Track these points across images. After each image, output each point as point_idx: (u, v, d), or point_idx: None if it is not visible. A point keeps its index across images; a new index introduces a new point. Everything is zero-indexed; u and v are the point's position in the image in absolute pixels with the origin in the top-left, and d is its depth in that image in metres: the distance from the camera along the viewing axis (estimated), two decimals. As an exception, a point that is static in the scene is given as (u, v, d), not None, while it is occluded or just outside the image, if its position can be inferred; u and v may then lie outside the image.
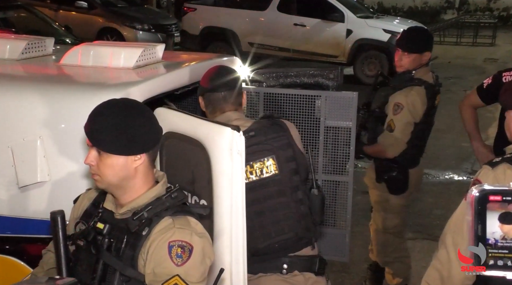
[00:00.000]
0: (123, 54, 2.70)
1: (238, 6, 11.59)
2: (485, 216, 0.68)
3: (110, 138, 1.62)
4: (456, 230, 1.83)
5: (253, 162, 2.23)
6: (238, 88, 2.44)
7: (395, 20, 11.99)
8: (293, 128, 2.37)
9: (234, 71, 2.52)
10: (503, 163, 1.77)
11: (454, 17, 18.13)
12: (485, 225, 0.68)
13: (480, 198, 0.68)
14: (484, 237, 0.68)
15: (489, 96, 3.23)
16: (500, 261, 0.67)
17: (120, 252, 1.63)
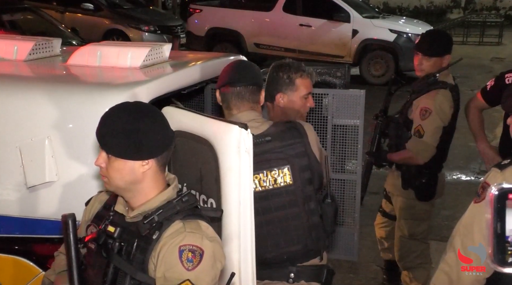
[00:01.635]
0: (130, 54, 2.71)
1: (243, 7, 11.60)
2: (504, 214, 0.67)
3: (117, 142, 1.61)
4: (466, 233, 1.82)
5: (268, 170, 2.21)
6: (254, 84, 2.31)
7: (400, 20, 11.96)
8: (311, 131, 2.31)
9: (253, 66, 2.39)
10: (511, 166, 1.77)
11: (460, 16, 18.06)
12: (504, 223, 0.67)
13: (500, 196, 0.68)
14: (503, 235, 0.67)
15: (493, 98, 3.20)
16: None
17: (131, 256, 1.62)
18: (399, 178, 3.38)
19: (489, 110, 3.42)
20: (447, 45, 3.32)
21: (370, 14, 11.03)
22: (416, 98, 3.23)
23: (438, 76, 3.19)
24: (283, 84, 2.43)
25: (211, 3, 12.15)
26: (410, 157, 3.23)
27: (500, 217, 0.65)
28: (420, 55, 3.25)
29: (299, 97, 2.46)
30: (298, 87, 2.44)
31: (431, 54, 3.22)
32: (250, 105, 2.31)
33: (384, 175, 3.69)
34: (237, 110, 2.31)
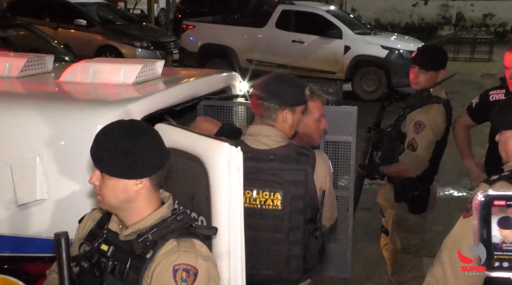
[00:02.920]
0: (123, 71, 2.71)
1: (236, 23, 11.69)
2: (489, 220, 0.70)
3: (111, 161, 1.60)
4: (454, 247, 1.82)
5: (260, 189, 2.18)
6: (270, 99, 2.18)
7: (392, 36, 12.07)
8: (323, 163, 2.23)
9: (282, 84, 2.23)
10: (501, 181, 1.77)
11: (451, 33, 18.24)
12: (490, 229, 0.70)
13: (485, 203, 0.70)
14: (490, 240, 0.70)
15: (479, 116, 3.25)
16: (505, 263, 0.69)
17: (124, 275, 1.60)
18: (391, 191, 3.40)
19: (480, 126, 3.45)
20: (443, 60, 3.36)
21: (362, 30, 11.12)
22: (410, 112, 3.26)
23: (431, 91, 3.23)
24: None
25: (204, 19, 12.22)
26: (403, 170, 3.25)
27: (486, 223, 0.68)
28: (416, 68, 3.28)
29: (313, 120, 2.44)
30: (310, 110, 2.41)
31: (428, 68, 3.25)
32: (264, 121, 2.22)
33: (377, 191, 3.69)
34: (254, 123, 2.29)
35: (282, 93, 2.19)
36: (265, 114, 2.21)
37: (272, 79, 2.25)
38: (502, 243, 0.71)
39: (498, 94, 3.15)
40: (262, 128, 2.22)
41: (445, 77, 3.34)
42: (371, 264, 4.37)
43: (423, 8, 19.84)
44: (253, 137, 2.23)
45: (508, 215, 0.71)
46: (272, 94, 2.18)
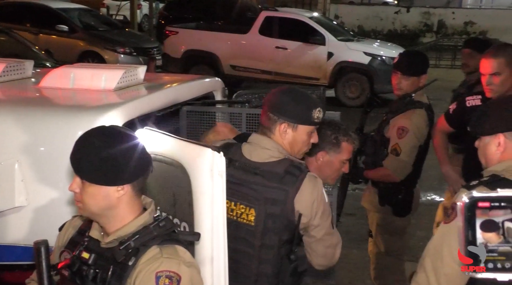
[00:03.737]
0: (104, 76, 2.69)
1: (220, 29, 11.68)
2: (474, 222, 0.70)
3: (91, 168, 1.58)
4: (436, 253, 1.84)
5: (238, 202, 2.14)
6: (272, 110, 2.12)
7: (375, 43, 12.19)
8: (311, 188, 2.08)
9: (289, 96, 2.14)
10: (480, 186, 1.79)
11: (432, 40, 18.46)
12: (475, 231, 0.70)
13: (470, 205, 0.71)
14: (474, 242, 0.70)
15: (456, 122, 3.27)
16: (490, 263, 0.70)
17: (106, 283, 1.58)
18: (375, 195, 3.41)
19: None
20: (424, 65, 3.39)
21: (345, 37, 11.20)
22: (392, 117, 3.28)
23: (414, 96, 3.25)
24: (329, 144, 2.38)
25: (187, 25, 12.20)
26: (387, 175, 3.26)
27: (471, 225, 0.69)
28: (399, 74, 3.31)
29: (339, 160, 2.41)
30: (342, 150, 2.39)
31: (410, 73, 3.28)
32: (265, 132, 2.16)
33: (360, 196, 3.70)
34: (258, 131, 2.22)
35: (284, 106, 2.11)
36: (266, 124, 2.15)
37: (282, 91, 2.19)
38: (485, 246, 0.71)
39: (475, 99, 3.19)
40: (262, 139, 2.16)
41: (427, 82, 3.37)
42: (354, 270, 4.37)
43: (405, 15, 20.07)
44: (251, 145, 2.18)
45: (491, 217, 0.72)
46: (275, 105, 2.12)
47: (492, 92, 2.99)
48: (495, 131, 1.92)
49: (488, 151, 1.96)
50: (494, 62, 2.96)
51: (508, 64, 2.96)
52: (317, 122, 2.14)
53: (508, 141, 1.90)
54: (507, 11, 19.58)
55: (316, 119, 2.12)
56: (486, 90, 3.03)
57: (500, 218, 0.72)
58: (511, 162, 1.87)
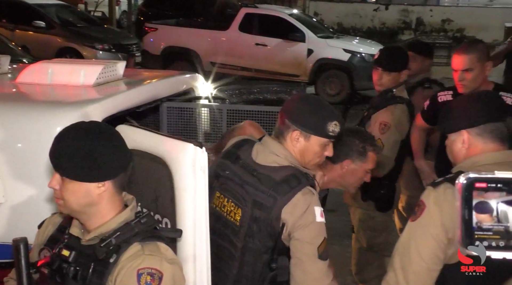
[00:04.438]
0: (83, 72, 2.65)
1: (199, 26, 11.63)
2: (471, 201, 0.73)
3: (71, 164, 1.55)
4: (404, 251, 1.85)
5: (230, 200, 2.10)
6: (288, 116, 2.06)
7: (354, 40, 12.24)
8: (302, 204, 1.97)
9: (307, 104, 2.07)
10: (444, 183, 1.81)
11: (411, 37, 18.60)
12: (471, 210, 0.72)
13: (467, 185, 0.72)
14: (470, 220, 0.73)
15: (430, 118, 3.30)
16: (485, 242, 0.72)
17: (87, 281, 1.56)
18: (358, 190, 3.43)
19: None
20: (404, 61, 3.42)
21: (324, 34, 11.24)
22: (374, 113, 3.30)
23: (395, 91, 3.27)
24: (356, 152, 2.35)
25: (166, 21, 12.12)
26: None
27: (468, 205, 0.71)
28: (380, 70, 3.33)
29: (364, 169, 2.38)
30: (368, 160, 2.37)
31: (391, 69, 3.30)
32: (278, 137, 2.10)
33: (341, 193, 3.71)
34: (273, 133, 2.16)
35: (300, 114, 2.04)
36: (280, 128, 2.10)
37: (302, 98, 2.15)
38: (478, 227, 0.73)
39: (446, 95, 3.24)
40: (273, 143, 2.10)
41: (407, 78, 3.39)
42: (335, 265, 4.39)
43: (384, 13, 20.20)
44: (261, 147, 2.13)
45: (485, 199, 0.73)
46: (291, 111, 2.07)
47: (464, 88, 3.03)
48: (459, 128, 1.93)
49: (454, 148, 1.96)
50: (466, 58, 2.99)
51: (479, 60, 2.99)
52: (332, 136, 2.05)
53: (472, 137, 1.89)
54: (483, 9, 19.83)
55: (331, 133, 2.03)
56: (459, 86, 3.06)
57: (494, 200, 0.74)
58: (477, 158, 1.87)
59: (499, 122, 1.89)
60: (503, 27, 17.63)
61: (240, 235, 2.05)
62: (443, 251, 1.78)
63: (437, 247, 1.79)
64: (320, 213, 2.01)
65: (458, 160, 1.96)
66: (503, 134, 1.89)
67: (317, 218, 1.99)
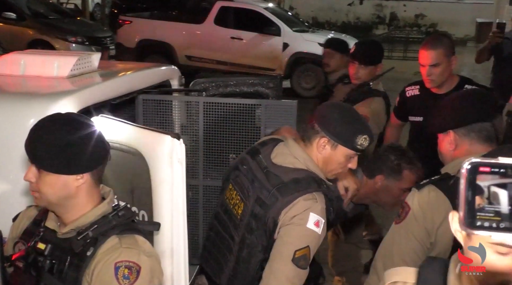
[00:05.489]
0: (57, 63, 2.60)
1: (174, 19, 11.54)
2: (474, 184, 0.76)
3: (49, 156, 1.53)
4: (386, 254, 1.85)
5: (238, 193, 2.08)
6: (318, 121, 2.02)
7: (329, 34, 12.28)
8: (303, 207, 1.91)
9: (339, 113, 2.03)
10: (428, 185, 1.82)
11: (385, 32, 18.81)
12: (475, 192, 0.76)
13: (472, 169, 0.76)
14: (473, 202, 0.76)
15: (402, 114, 3.35)
16: (486, 222, 0.75)
17: (63, 274, 1.54)
18: None
19: None
20: (380, 54, 3.48)
21: (300, 28, 11.26)
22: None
23: (371, 84, 3.30)
24: (389, 169, 2.33)
25: (141, 14, 12.00)
26: None
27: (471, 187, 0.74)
28: (356, 63, 3.36)
29: (399, 188, 2.34)
30: (403, 178, 2.33)
31: (367, 62, 3.34)
32: (303, 139, 2.07)
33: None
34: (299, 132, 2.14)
35: (331, 121, 1.99)
36: (309, 132, 2.05)
37: (335, 106, 2.11)
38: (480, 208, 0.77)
39: (413, 89, 3.27)
40: (295, 146, 2.05)
41: (383, 70, 3.43)
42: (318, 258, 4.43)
43: (358, 7, 20.35)
44: (282, 148, 2.08)
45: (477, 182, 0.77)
46: (323, 117, 2.02)
47: (432, 83, 3.07)
48: (446, 128, 1.92)
49: (442, 149, 1.96)
50: (434, 53, 3.01)
51: (446, 54, 3.03)
52: (359, 149, 2.00)
53: (458, 138, 1.88)
54: (455, 4, 20.11)
55: (359, 146, 1.98)
56: (426, 81, 3.09)
57: (486, 183, 0.76)
58: (462, 159, 1.87)
59: (486, 123, 1.86)
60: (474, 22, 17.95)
61: (240, 229, 2.05)
62: (426, 254, 1.77)
63: (420, 249, 1.78)
64: (315, 222, 1.92)
65: (446, 160, 1.94)
66: (489, 134, 1.86)
67: (308, 224, 1.91)
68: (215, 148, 3.06)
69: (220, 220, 2.15)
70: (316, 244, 1.94)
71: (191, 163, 3.02)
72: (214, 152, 3.08)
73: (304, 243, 1.90)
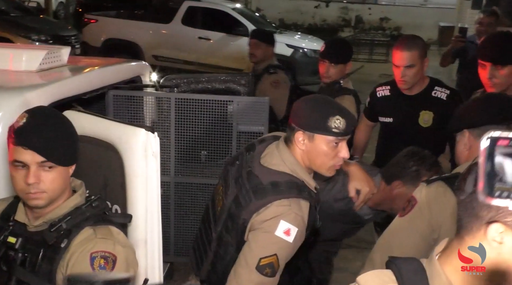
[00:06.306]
0: (25, 57, 2.55)
1: (141, 18, 11.42)
2: (493, 156, 0.79)
3: (62, 150, 1.56)
4: (386, 247, 1.83)
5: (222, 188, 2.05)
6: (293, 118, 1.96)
7: (296, 35, 12.38)
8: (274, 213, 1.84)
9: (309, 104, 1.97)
10: (438, 181, 1.81)
11: (351, 34, 19.02)
12: (493, 164, 0.79)
13: (491, 142, 0.79)
14: (492, 173, 0.79)
15: (372, 113, 3.38)
16: (505, 192, 0.78)
17: (36, 267, 1.53)
18: None
19: None
20: (349, 53, 3.51)
21: (267, 29, 11.28)
22: None
23: (342, 82, 3.33)
24: (408, 175, 2.21)
25: (107, 13, 11.83)
26: None
27: (491, 158, 0.76)
28: (327, 62, 3.38)
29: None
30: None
31: (337, 61, 3.37)
32: (287, 140, 2.00)
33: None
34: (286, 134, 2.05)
35: (300, 113, 1.94)
36: (287, 132, 2.00)
37: (304, 98, 2.03)
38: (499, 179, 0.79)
39: (384, 90, 3.30)
40: (284, 149, 1.97)
41: (354, 69, 3.47)
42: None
43: (325, 10, 20.55)
44: (274, 149, 2.00)
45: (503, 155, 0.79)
46: (294, 113, 1.97)
47: (405, 84, 3.08)
48: (460, 128, 1.89)
49: (457, 149, 1.93)
50: (409, 55, 3.02)
51: (420, 56, 3.06)
52: (336, 132, 1.88)
53: (473, 139, 1.85)
54: (418, 8, 20.51)
55: (334, 129, 1.88)
56: (400, 82, 3.09)
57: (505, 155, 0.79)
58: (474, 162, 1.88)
59: (501, 126, 1.78)
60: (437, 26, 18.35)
61: (218, 226, 2.02)
62: (427, 250, 1.68)
63: (422, 244, 1.75)
64: (286, 230, 1.83)
65: (460, 161, 1.91)
66: None
67: (277, 232, 1.83)
68: (187, 145, 3.05)
69: (207, 213, 2.14)
70: (287, 252, 1.86)
71: (163, 160, 2.99)
72: (185, 149, 3.07)
73: (270, 251, 1.84)
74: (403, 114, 3.13)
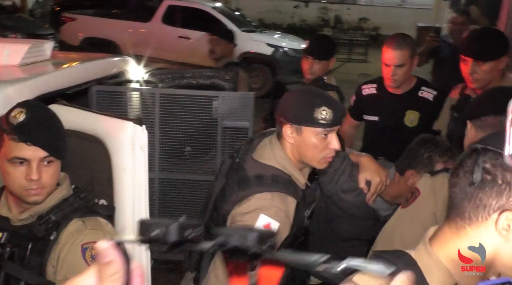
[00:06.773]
0: (7, 51, 2.51)
1: (120, 17, 11.32)
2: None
3: (62, 145, 1.58)
4: (387, 239, 1.83)
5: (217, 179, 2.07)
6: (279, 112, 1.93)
7: (276, 35, 12.40)
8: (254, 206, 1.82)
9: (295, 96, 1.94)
10: (443, 173, 1.82)
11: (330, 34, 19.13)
12: None
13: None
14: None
15: (357, 112, 3.39)
16: None
17: (25, 261, 1.50)
18: None
19: None
20: (333, 49, 3.52)
21: (248, 28, 11.28)
22: None
23: (325, 79, 3.34)
24: (420, 164, 2.13)
25: (85, 12, 11.70)
26: None
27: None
28: (310, 59, 3.39)
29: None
30: None
31: (321, 57, 3.38)
32: (277, 134, 1.98)
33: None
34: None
35: (286, 106, 1.91)
36: (278, 126, 1.97)
37: (290, 91, 2.01)
38: None
39: (370, 88, 3.32)
40: (277, 144, 1.95)
41: (336, 66, 3.49)
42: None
43: (304, 10, 20.63)
44: (267, 143, 1.98)
45: None
46: (281, 107, 1.93)
47: (395, 83, 3.09)
48: (465, 118, 1.87)
49: (465, 138, 1.90)
50: (400, 54, 3.02)
51: (411, 55, 3.07)
52: (323, 123, 1.85)
53: (475, 129, 1.82)
54: (396, 9, 20.71)
55: (321, 120, 1.84)
56: (390, 80, 3.09)
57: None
58: None
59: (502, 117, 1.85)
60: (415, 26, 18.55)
61: (205, 216, 2.02)
62: None
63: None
64: (266, 224, 1.78)
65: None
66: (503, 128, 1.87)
67: (257, 226, 1.77)
68: (172, 141, 3.02)
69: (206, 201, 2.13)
70: None
71: (147, 156, 2.97)
72: (170, 145, 3.04)
73: None
74: (389, 113, 3.15)
